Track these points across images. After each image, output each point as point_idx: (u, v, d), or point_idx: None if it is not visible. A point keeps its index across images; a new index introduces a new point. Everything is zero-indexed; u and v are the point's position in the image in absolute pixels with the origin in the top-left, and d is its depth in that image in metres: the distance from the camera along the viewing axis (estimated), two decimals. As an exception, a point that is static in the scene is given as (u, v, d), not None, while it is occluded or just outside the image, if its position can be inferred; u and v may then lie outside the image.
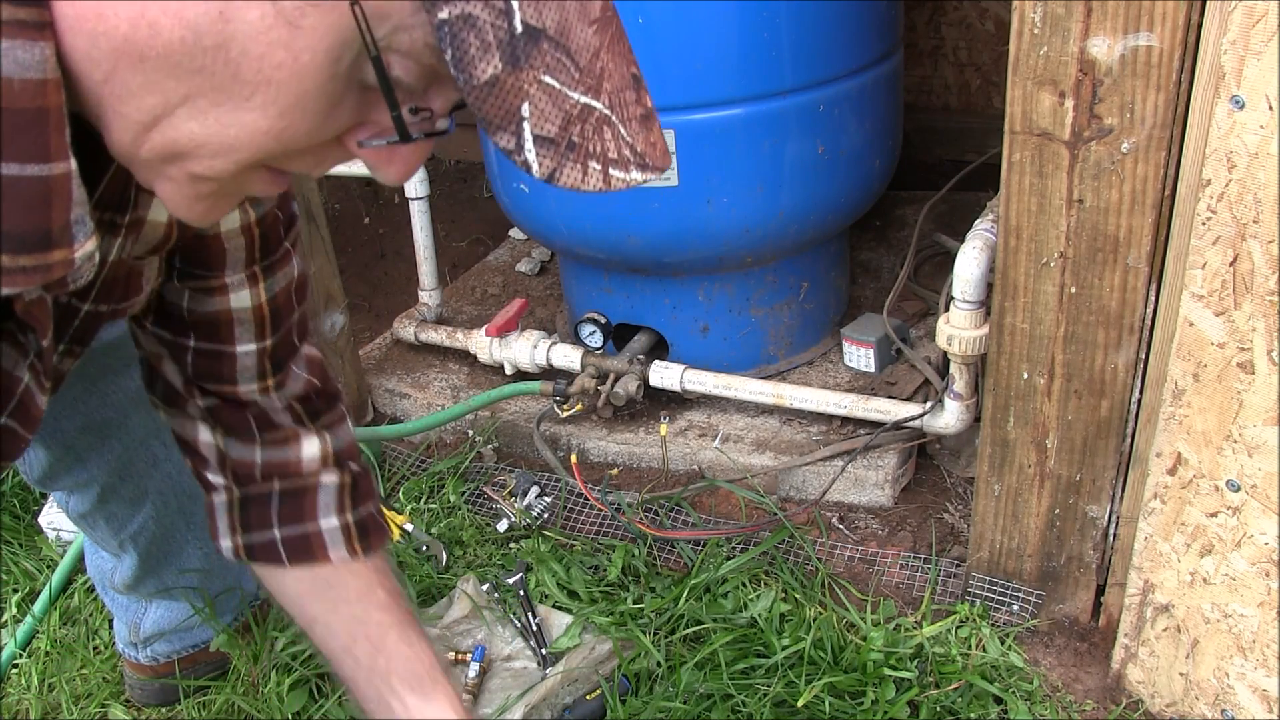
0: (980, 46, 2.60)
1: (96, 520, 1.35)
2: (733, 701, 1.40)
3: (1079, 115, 1.16)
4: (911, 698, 1.38)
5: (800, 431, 1.85)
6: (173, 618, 1.49)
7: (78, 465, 1.26)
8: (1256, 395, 1.11)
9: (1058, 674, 1.43)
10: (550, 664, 1.49)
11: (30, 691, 1.57)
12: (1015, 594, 1.51)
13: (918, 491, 1.79)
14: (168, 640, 1.50)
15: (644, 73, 0.67)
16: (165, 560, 1.43)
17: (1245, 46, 0.98)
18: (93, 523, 1.35)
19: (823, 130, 1.73)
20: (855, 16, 1.71)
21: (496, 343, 2.02)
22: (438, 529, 1.79)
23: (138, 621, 1.49)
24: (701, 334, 1.95)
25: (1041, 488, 1.42)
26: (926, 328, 1.99)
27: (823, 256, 1.99)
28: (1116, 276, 1.23)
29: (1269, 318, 1.06)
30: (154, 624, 1.49)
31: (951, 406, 1.63)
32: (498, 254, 2.61)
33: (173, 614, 1.49)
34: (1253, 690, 1.25)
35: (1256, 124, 1.00)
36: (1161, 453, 1.22)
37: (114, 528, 1.36)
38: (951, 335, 1.50)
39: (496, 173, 1.94)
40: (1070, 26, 1.12)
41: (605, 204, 1.76)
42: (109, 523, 1.35)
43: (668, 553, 1.71)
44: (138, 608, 1.48)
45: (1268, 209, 1.02)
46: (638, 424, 1.95)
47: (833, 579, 1.61)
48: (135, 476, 1.32)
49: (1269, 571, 1.18)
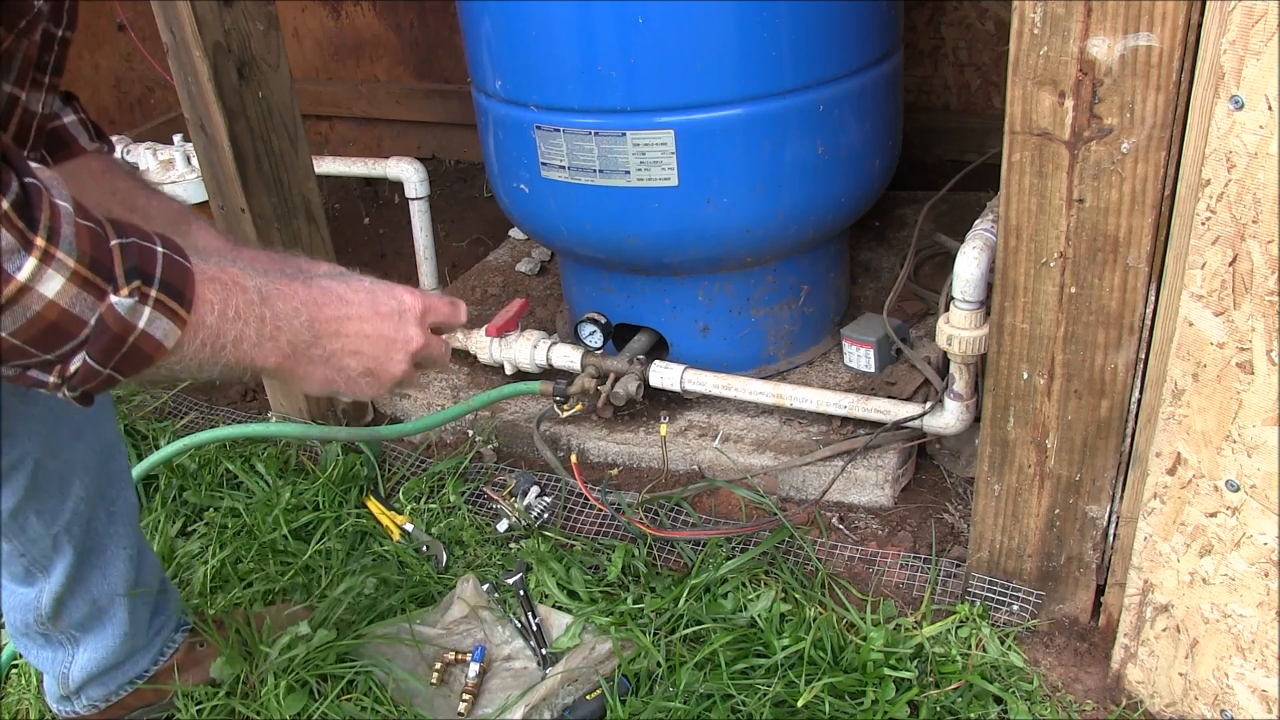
0: (980, 46, 2.60)
1: (28, 517, 1.26)
2: (733, 701, 1.40)
3: (1079, 115, 1.16)
4: (911, 698, 1.38)
5: (800, 431, 1.85)
6: (102, 654, 1.40)
7: (9, 440, 1.20)
8: (1256, 395, 1.11)
9: (1058, 674, 1.43)
10: (550, 664, 1.49)
11: (30, 691, 1.57)
12: (1015, 594, 1.51)
13: (918, 491, 1.79)
14: (101, 683, 1.42)
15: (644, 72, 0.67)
16: (93, 562, 1.35)
17: (1245, 46, 0.98)
18: (24, 522, 1.26)
19: (823, 130, 1.73)
20: (855, 16, 1.71)
21: (496, 343, 2.02)
22: (438, 529, 1.79)
23: (66, 670, 1.39)
24: (701, 334, 1.95)
25: (1041, 488, 1.42)
26: (926, 328, 1.99)
27: (823, 257, 1.99)
28: (1116, 276, 1.23)
29: (1268, 318, 1.07)
30: (83, 667, 1.40)
31: (951, 406, 1.63)
32: (498, 254, 2.61)
33: (102, 648, 1.39)
34: (1252, 690, 1.25)
35: (1256, 124, 1.00)
36: (1161, 453, 1.22)
37: (45, 521, 1.27)
38: (951, 335, 1.50)
39: (496, 173, 1.94)
40: (1070, 26, 1.12)
41: (605, 204, 1.76)
42: (40, 517, 1.27)
43: (668, 553, 1.71)
44: (65, 655, 1.39)
45: (1267, 209, 1.02)
46: (638, 424, 1.95)
47: (833, 579, 1.61)
48: (61, 448, 1.25)
49: (1268, 572, 1.18)
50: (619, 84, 1.63)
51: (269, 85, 1.79)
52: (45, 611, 1.34)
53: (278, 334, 0.92)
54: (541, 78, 1.70)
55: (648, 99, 1.64)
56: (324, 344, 0.97)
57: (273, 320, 0.91)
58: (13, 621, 1.37)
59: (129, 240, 0.81)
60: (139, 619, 1.43)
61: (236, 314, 0.88)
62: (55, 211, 0.76)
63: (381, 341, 1.01)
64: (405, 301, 1.03)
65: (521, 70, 1.73)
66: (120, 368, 0.82)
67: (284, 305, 0.93)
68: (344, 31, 3.26)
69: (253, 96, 1.77)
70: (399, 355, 1.02)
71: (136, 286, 0.80)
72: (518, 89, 1.75)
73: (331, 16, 3.25)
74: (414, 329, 1.03)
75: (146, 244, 0.83)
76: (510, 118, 1.79)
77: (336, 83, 3.33)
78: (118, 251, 0.79)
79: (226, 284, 0.88)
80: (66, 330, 0.78)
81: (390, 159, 2.17)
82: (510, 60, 1.74)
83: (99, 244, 0.79)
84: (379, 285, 1.03)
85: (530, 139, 1.77)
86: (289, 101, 1.84)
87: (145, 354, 0.82)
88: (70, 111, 1.18)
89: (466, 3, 1.79)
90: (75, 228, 0.77)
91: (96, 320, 0.79)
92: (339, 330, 0.97)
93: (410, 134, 3.35)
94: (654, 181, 1.70)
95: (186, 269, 0.84)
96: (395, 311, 1.01)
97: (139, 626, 1.43)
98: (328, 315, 0.96)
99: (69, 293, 0.76)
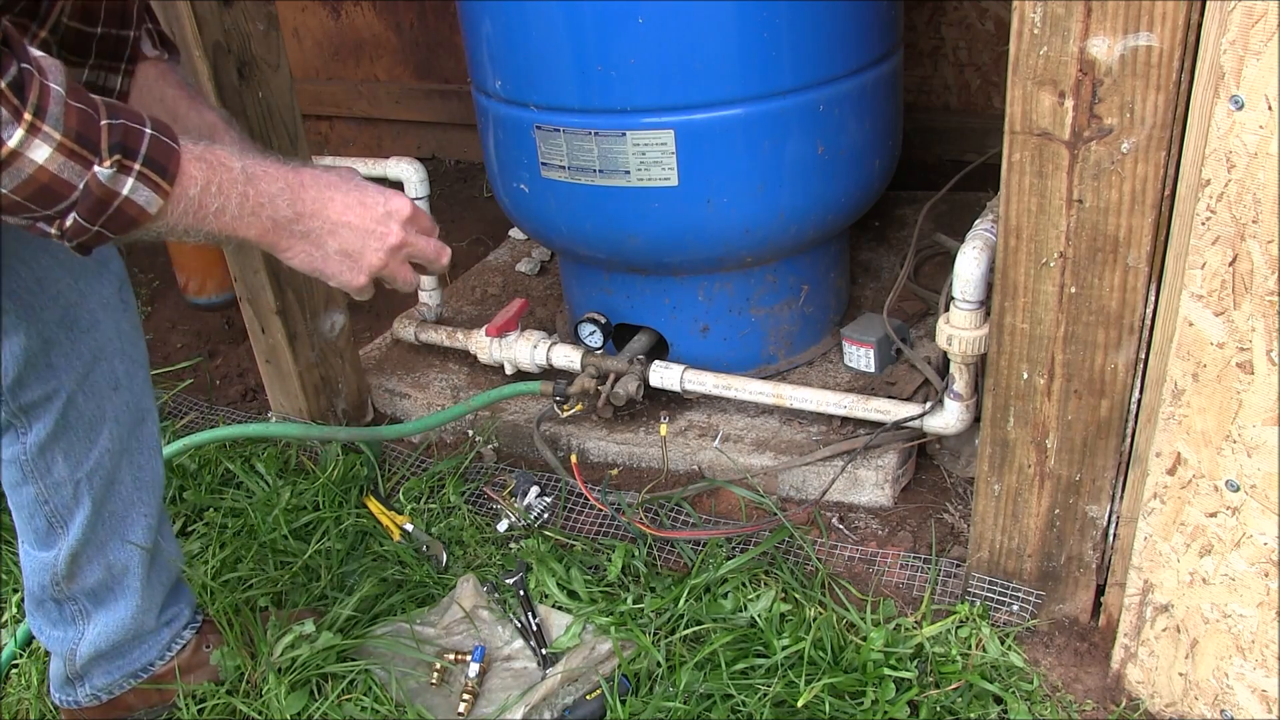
0: (980, 46, 2.60)
1: (54, 457, 1.31)
2: (733, 701, 1.40)
3: (1079, 115, 1.16)
4: (911, 698, 1.38)
5: (800, 431, 1.85)
6: (113, 629, 1.41)
7: (48, 371, 1.26)
8: (1256, 395, 1.11)
9: (1058, 674, 1.43)
10: (550, 664, 1.49)
11: (30, 691, 1.57)
12: (1015, 594, 1.51)
13: (918, 491, 1.80)
14: (106, 670, 1.43)
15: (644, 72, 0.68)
16: (113, 521, 1.37)
17: (1245, 46, 0.98)
18: (50, 461, 1.31)
19: (823, 130, 1.73)
20: (855, 16, 1.71)
21: (496, 343, 2.02)
22: (438, 529, 1.79)
23: (75, 647, 1.41)
24: (701, 334, 1.95)
25: (1041, 488, 1.42)
26: (926, 328, 1.99)
27: (823, 257, 1.99)
28: (1116, 276, 1.23)
29: (1268, 318, 1.07)
30: (92, 643, 1.41)
31: (951, 406, 1.63)
32: (498, 254, 2.61)
33: (113, 622, 1.41)
34: (1252, 690, 1.25)
35: (1256, 124, 1.00)
36: (1161, 453, 1.23)
37: (71, 465, 1.31)
38: (951, 335, 1.50)
39: (496, 173, 1.94)
40: (1070, 26, 1.12)
41: (605, 204, 1.76)
42: (66, 459, 1.30)
43: (668, 553, 1.71)
44: (75, 632, 1.41)
45: (1267, 209, 1.02)
46: (638, 424, 1.95)
47: (833, 579, 1.61)
48: (96, 393, 1.30)
49: (1268, 572, 1.18)
50: (619, 84, 1.63)
51: (269, 85, 1.79)
52: (61, 571, 1.37)
53: (259, 209, 1.04)
54: (541, 78, 1.70)
55: (647, 99, 1.64)
56: (305, 222, 1.08)
57: (255, 197, 1.03)
58: (31, 588, 1.40)
59: (118, 121, 0.94)
60: (151, 598, 1.44)
61: (219, 189, 1.01)
62: (45, 91, 0.90)
63: (361, 229, 1.11)
64: (393, 203, 1.13)
65: (521, 70, 1.73)
66: (108, 226, 0.96)
67: (268, 185, 1.05)
68: (344, 31, 3.26)
69: (253, 96, 1.77)
70: (376, 244, 1.11)
71: (118, 160, 0.93)
72: (518, 89, 1.75)
73: (331, 16, 3.25)
74: (396, 226, 1.12)
75: (135, 125, 0.96)
76: (510, 118, 1.79)
77: (336, 83, 3.34)
78: (105, 130, 0.92)
79: (212, 163, 1.01)
80: (58, 191, 0.92)
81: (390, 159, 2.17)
82: (510, 60, 1.74)
83: (88, 122, 0.92)
84: (372, 185, 1.13)
85: (530, 139, 1.77)
86: (289, 101, 1.84)
87: (129, 216, 0.96)
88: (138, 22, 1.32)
89: (466, 3, 1.79)
90: (65, 107, 0.91)
91: (84, 186, 0.92)
92: (319, 211, 1.08)
93: (410, 134, 3.35)
94: (654, 181, 1.70)
95: (172, 148, 0.97)
96: (380, 205, 1.11)
97: (150, 605, 1.44)
98: (310, 196, 1.07)
99: (56, 160, 0.90)
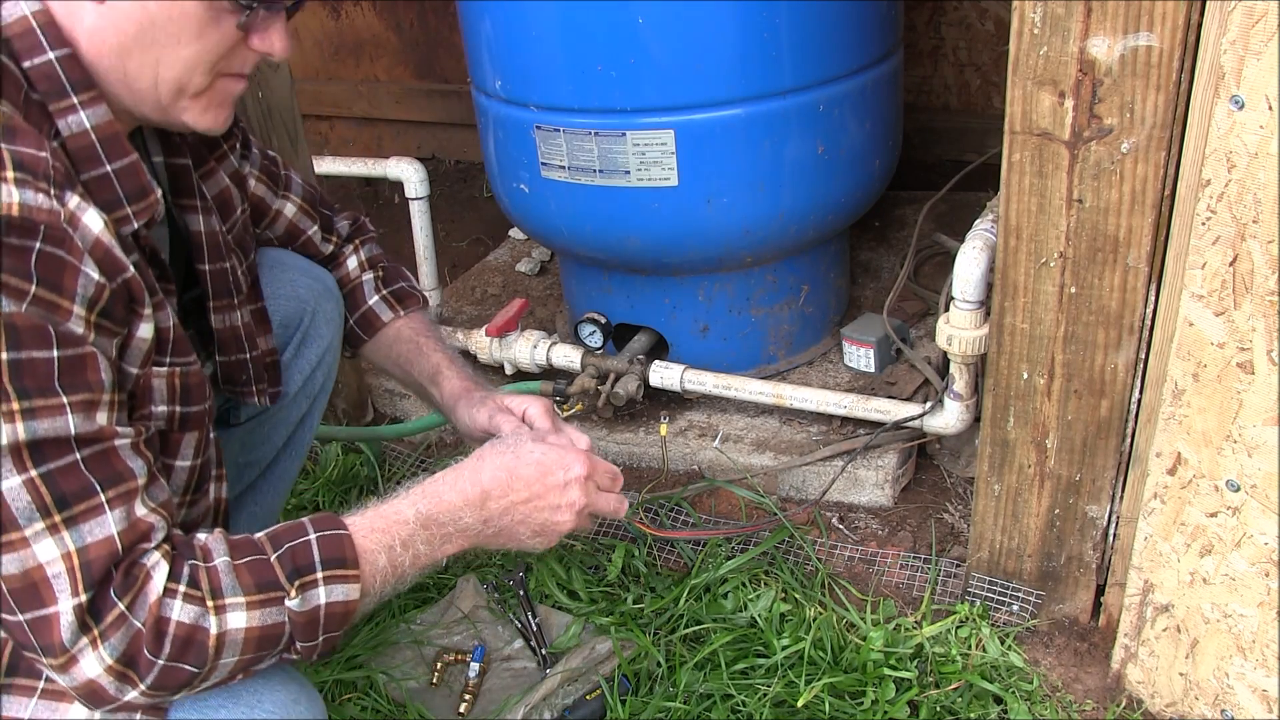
0: (980, 46, 2.60)
1: None
2: (733, 701, 1.40)
3: (1079, 115, 1.16)
4: (911, 698, 1.38)
5: (800, 431, 1.85)
6: None
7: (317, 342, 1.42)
8: (1256, 395, 1.11)
9: (1058, 674, 1.43)
10: (550, 664, 1.49)
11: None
12: (1015, 594, 1.51)
13: (918, 491, 1.79)
14: None
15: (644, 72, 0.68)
16: None
17: (1245, 46, 0.98)
18: None
19: (823, 130, 1.73)
20: (855, 16, 1.71)
21: (496, 343, 2.02)
22: (438, 529, 1.79)
23: None
24: (701, 334, 1.95)
25: (1041, 488, 1.42)
26: (926, 328, 1.99)
27: (823, 257, 1.99)
28: (1116, 276, 1.23)
29: (1269, 318, 1.07)
30: None
31: (951, 406, 1.63)
32: (498, 254, 2.61)
33: None
34: (1252, 690, 1.25)
35: (1256, 124, 1.00)
36: (1161, 453, 1.22)
37: None
38: (951, 335, 1.50)
39: (496, 173, 1.94)
40: (1070, 26, 1.12)
41: (605, 204, 1.76)
42: None
43: (668, 553, 1.71)
44: None
45: (1267, 209, 1.02)
46: (638, 424, 1.95)
47: (833, 579, 1.61)
48: None
49: (1268, 571, 1.18)
50: (619, 84, 1.63)
51: (269, 85, 1.79)
52: None
53: (448, 538, 1.09)
54: (541, 78, 1.70)
55: (647, 99, 1.64)
56: (494, 523, 1.13)
57: (439, 530, 1.08)
58: None
59: (283, 550, 0.97)
60: None
61: (403, 544, 1.04)
62: (212, 573, 0.93)
63: (547, 505, 1.16)
64: (573, 471, 1.17)
65: (521, 70, 1.73)
66: (328, 631, 0.98)
67: (447, 513, 1.09)
68: (344, 31, 3.26)
69: (253, 96, 1.77)
70: (565, 516, 1.17)
71: (299, 583, 0.96)
72: (517, 89, 1.75)
73: (331, 16, 3.25)
74: (578, 493, 1.17)
75: (299, 541, 0.98)
76: (510, 118, 1.79)
77: (336, 83, 3.33)
78: (277, 565, 0.95)
79: (385, 528, 1.04)
80: (273, 636, 0.95)
81: (390, 159, 2.17)
82: (510, 60, 1.74)
83: (261, 569, 0.95)
84: (550, 455, 1.17)
85: (530, 139, 1.77)
86: (289, 101, 1.84)
87: (338, 615, 0.98)
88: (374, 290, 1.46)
89: (466, 3, 1.79)
90: (235, 571, 0.94)
91: (288, 620, 0.95)
92: (506, 510, 1.13)
93: (410, 134, 3.35)
94: (654, 181, 1.70)
95: (340, 537, 1.00)
96: (560, 474, 1.16)
97: None
98: (493, 508, 1.12)
99: (254, 616, 0.93)
